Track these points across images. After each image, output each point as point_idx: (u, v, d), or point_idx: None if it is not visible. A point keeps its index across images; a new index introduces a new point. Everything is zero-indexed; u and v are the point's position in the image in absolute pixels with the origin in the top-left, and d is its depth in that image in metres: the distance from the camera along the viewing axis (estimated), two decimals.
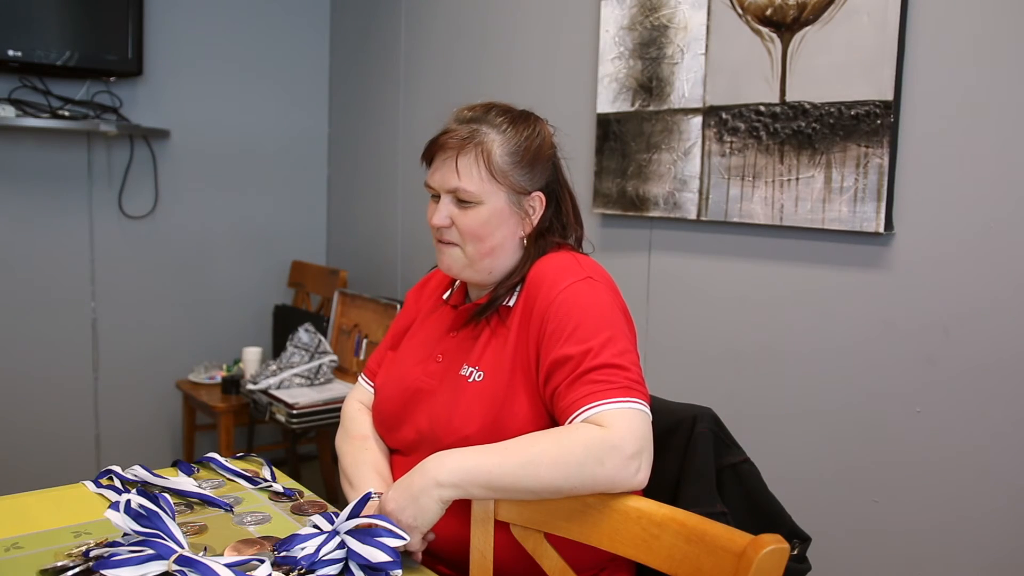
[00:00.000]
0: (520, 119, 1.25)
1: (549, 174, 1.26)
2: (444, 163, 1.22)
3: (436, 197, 1.25)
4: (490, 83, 2.70)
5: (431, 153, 1.24)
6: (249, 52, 3.37)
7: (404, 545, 1.04)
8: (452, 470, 1.05)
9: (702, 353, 2.08)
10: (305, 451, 3.56)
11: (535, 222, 1.25)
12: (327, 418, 2.63)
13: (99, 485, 1.27)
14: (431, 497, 1.05)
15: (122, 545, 0.99)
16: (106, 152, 3.10)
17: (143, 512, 1.00)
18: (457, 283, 1.35)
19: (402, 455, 1.29)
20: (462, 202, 1.21)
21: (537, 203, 1.25)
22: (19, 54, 2.73)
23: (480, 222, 1.21)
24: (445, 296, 1.36)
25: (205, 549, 1.05)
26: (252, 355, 2.98)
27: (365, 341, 2.93)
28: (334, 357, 2.86)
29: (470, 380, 1.20)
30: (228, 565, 0.94)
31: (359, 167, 3.43)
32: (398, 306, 2.80)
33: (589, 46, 2.30)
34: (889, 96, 1.66)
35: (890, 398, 1.72)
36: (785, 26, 1.82)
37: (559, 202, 1.28)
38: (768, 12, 1.85)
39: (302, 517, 1.19)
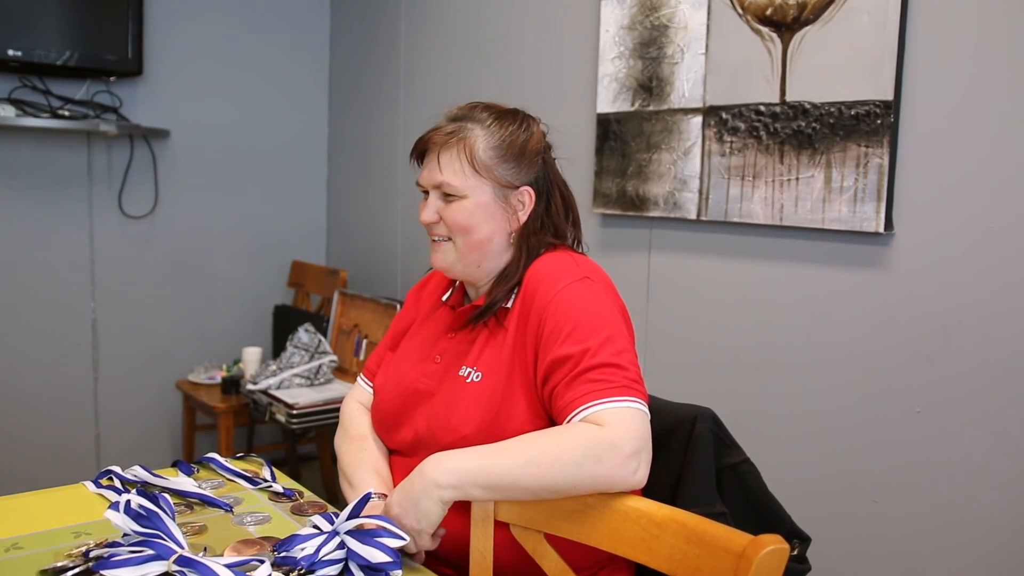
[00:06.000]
0: (507, 115, 1.26)
1: (538, 171, 1.26)
2: (429, 159, 1.24)
3: (427, 195, 1.26)
4: (490, 83, 2.70)
5: (419, 151, 1.26)
6: (249, 52, 3.37)
7: (412, 546, 1.06)
8: (450, 471, 1.05)
9: (702, 353, 2.08)
10: (305, 451, 3.56)
11: (523, 218, 1.25)
12: (327, 418, 2.63)
13: (99, 485, 1.27)
14: (431, 498, 1.05)
15: (122, 545, 0.99)
16: (106, 152, 3.10)
17: (143, 512, 1.00)
18: (456, 284, 1.35)
19: (401, 456, 1.29)
20: (448, 196, 1.22)
21: (526, 198, 1.24)
22: (19, 54, 2.73)
23: (466, 214, 1.21)
24: (444, 297, 1.36)
25: (205, 549, 1.05)
26: (252, 355, 2.98)
27: (365, 341, 2.93)
28: (334, 357, 2.86)
29: (468, 381, 1.20)
30: (228, 565, 0.94)
31: (359, 167, 3.43)
32: (398, 306, 2.80)
33: (589, 46, 2.30)
34: (889, 96, 1.66)
35: (890, 398, 1.72)
36: (785, 26, 1.82)
37: (549, 200, 1.28)
38: (768, 12, 1.85)
39: (302, 517, 1.19)
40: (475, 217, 1.22)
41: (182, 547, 0.97)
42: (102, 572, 0.93)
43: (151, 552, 0.95)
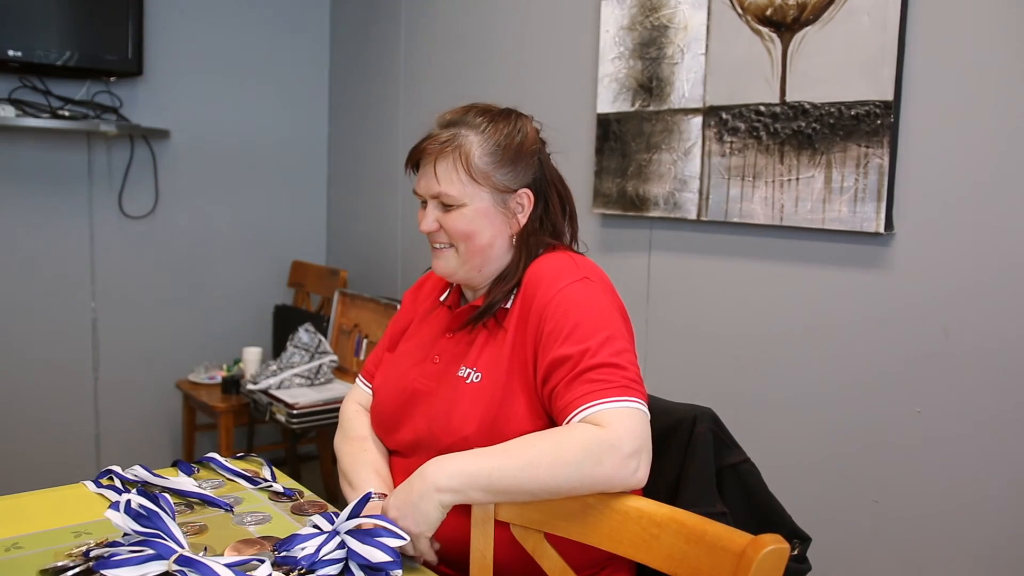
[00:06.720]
0: (500, 117, 1.25)
1: (535, 171, 1.26)
2: (425, 169, 1.23)
3: (425, 203, 1.26)
4: (490, 83, 2.70)
5: (414, 160, 1.25)
6: (249, 52, 3.37)
7: (410, 548, 1.06)
8: (452, 474, 1.05)
9: (702, 353, 2.08)
10: (305, 451, 3.56)
11: (523, 221, 1.25)
12: (327, 418, 2.63)
13: (99, 485, 1.27)
14: (431, 502, 1.05)
15: (122, 545, 0.99)
16: (106, 152, 3.10)
17: (143, 512, 1.00)
18: (453, 284, 1.35)
19: (401, 456, 1.29)
20: (446, 205, 1.22)
21: (525, 200, 1.24)
22: (19, 54, 2.73)
23: (466, 222, 1.21)
24: (442, 298, 1.36)
25: (205, 549, 1.05)
26: (252, 355, 2.98)
27: (365, 341, 2.93)
28: (334, 357, 2.86)
29: (468, 381, 1.20)
30: (228, 565, 0.94)
31: (359, 167, 3.43)
32: (398, 306, 2.79)
33: (589, 46, 2.30)
34: (889, 96, 1.66)
35: (890, 398, 1.72)
36: (785, 26, 1.82)
37: (547, 199, 1.27)
38: (768, 12, 1.85)
39: (302, 517, 1.19)
40: (476, 224, 1.22)
41: (182, 547, 0.97)
42: (102, 572, 0.93)
43: (151, 552, 0.95)
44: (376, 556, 0.98)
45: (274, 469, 1.37)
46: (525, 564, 1.12)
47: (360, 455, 1.29)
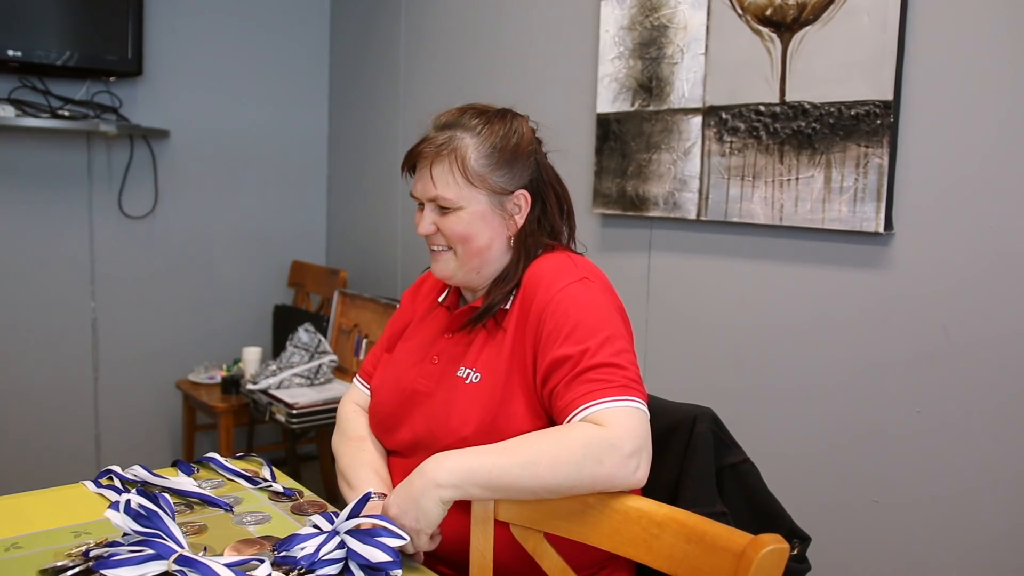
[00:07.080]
0: (496, 118, 1.24)
1: (532, 171, 1.25)
2: (422, 172, 1.23)
3: (422, 205, 1.26)
4: (490, 83, 2.70)
5: (410, 163, 1.25)
6: (249, 52, 3.37)
7: (410, 547, 1.06)
8: (451, 471, 1.05)
9: (702, 353, 2.08)
10: (305, 451, 3.56)
11: (520, 222, 1.25)
12: (327, 418, 2.63)
13: (99, 485, 1.27)
14: (431, 498, 1.05)
15: (122, 545, 0.99)
16: (106, 152, 3.10)
17: (143, 512, 1.00)
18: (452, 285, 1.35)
19: (400, 456, 1.29)
20: (443, 208, 1.22)
21: (522, 201, 1.24)
22: (19, 54, 2.73)
23: (463, 225, 1.21)
24: (440, 298, 1.36)
25: (205, 549, 1.05)
26: (252, 355, 2.98)
27: (365, 341, 2.93)
28: (334, 357, 2.87)
29: (467, 382, 1.20)
30: (228, 565, 0.94)
31: (359, 167, 3.43)
32: (398, 306, 2.80)
33: (589, 46, 2.30)
34: (889, 96, 1.66)
35: (890, 398, 1.72)
36: (785, 26, 1.82)
37: (544, 200, 1.27)
38: (768, 12, 1.85)
39: (302, 517, 1.19)
40: (473, 227, 1.21)
41: (182, 546, 0.97)
42: (102, 572, 0.93)
43: (151, 551, 0.95)
44: (376, 556, 0.98)
45: (274, 469, 1.37)
46: (525, 564, 1.12)
47: (358, 455, 1.29)
